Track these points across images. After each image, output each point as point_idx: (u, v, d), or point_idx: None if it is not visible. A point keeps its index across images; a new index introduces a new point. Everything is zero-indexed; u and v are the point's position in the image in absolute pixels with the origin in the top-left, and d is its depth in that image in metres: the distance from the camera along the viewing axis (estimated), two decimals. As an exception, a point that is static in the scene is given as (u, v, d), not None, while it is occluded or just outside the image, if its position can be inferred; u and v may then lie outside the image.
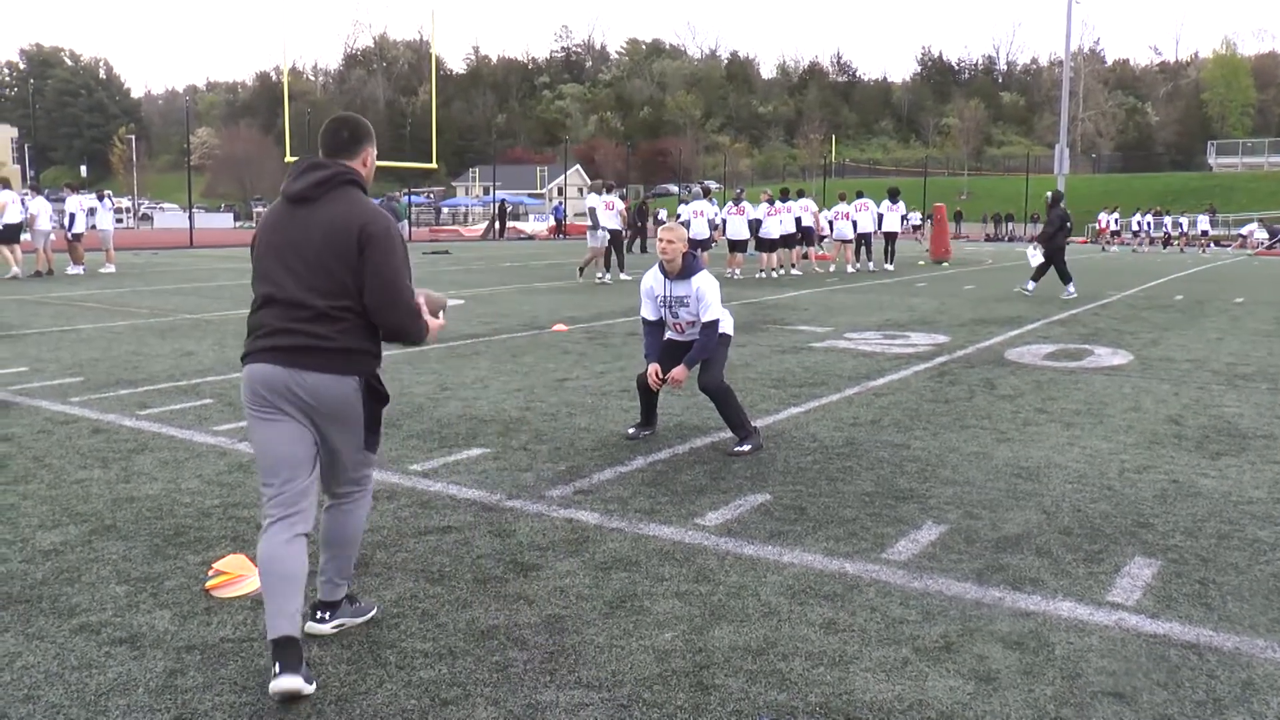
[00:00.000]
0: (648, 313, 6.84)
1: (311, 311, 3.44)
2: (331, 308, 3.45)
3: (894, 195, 26.69)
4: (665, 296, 6.67)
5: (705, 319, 6.52)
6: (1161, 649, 3.71)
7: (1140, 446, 6.83)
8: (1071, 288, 18.11)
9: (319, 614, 3.78)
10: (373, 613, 3.94)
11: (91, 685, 3.37)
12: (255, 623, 3.86)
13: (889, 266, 26.17)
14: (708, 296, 6.51)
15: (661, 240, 6.59)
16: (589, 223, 20.55)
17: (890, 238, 26.69)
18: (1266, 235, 44.63)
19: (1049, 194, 18.94)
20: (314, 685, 3.34)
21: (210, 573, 4.22)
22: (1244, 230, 46.18)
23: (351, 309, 3.48)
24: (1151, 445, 6.87)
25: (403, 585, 4.24)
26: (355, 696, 3.29)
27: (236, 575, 4.18)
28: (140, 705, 3.24)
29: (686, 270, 6.56)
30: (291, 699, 3.25)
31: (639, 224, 32.60)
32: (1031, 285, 18.52)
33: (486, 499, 5.47)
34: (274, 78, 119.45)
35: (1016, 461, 6.38)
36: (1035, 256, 18.47)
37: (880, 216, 26.48)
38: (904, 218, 27.43)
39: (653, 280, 6.73)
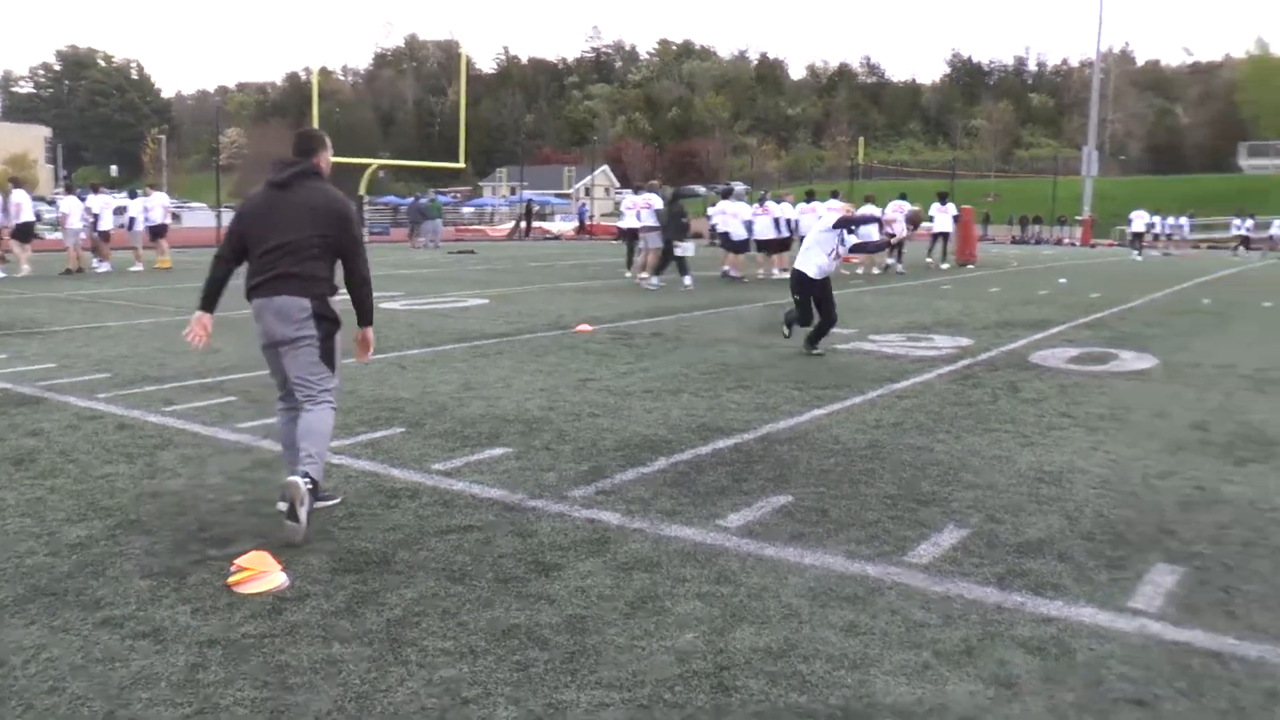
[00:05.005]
0: None
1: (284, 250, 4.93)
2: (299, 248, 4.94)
3: (943, 197, 28.20)
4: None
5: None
6: (1184, 657, 3.68)
7: (1165, 452, 6.78)
8: (656, 280, 19.57)
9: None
10: (330, 503, 5.22)
11: (115, 678, 3.40)
12: (277, 619, 3.88)
13: (944, 265, 27.39)
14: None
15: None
16: (655, 223, 20.46)
17: (944, 237, 27.92)
18: None
19: (670, 190, 21.14)
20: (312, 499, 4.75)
21: (233, 568, 4.24)
22: (1273, 232, 45.39)
23: (317, 249, 4.95)
24: (1176, 451, 6.82)
25: (424, 584, 4.26)
26: (376, 694, 3.31)
27: (259, 571, 4.20)
28: (162, 699, 3.27)
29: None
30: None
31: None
32: (687, 281, 19.31)
33: (508, 498, 5.48)
34: (303, 78, 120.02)
35: (1040, 466, 6.34)
36: (686, 249, 19.53)
37: (931, 218, 27.56)
38: (955, 218, 28.05)
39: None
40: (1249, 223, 44.67)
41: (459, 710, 3.22)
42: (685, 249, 19.47)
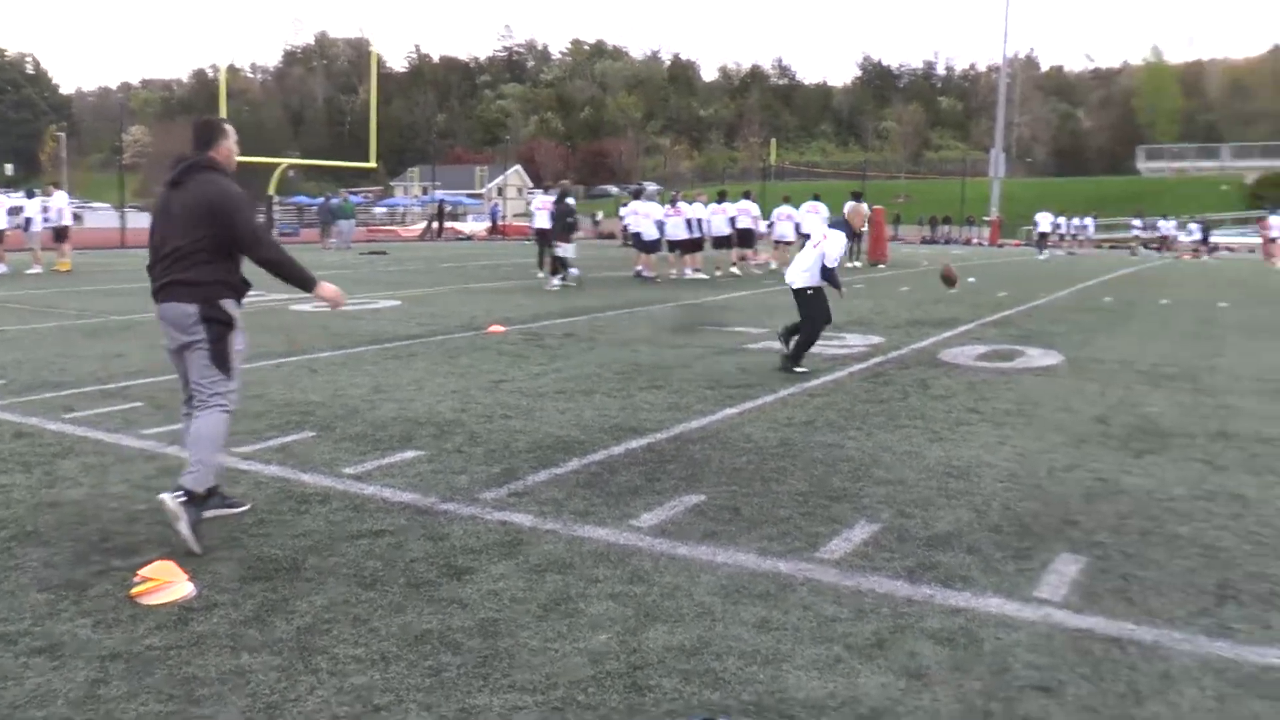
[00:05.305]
0: None
1: (175, 254, 4.85)
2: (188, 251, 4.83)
3: (858, 197, 28.33)
4: None
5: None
6: (1086, 643, 3.78)
7: (1069, 445, 6.95)
8: (557, 280, 19.46)
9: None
10: (235, 511, 5.17)
11: (7, 698, 3.29)
12: (183, 629, 3.80)
13: (856, 264, 28.15)
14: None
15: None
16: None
17: (858, 237, 28.02)
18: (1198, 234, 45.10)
19: (560, 185, 21.53)
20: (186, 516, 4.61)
21: (136, 579, 4.14)
22: (1167, 232, 46.91)
23: (204, 250, 4.82)
24: (1079, 444, 6.99)
25: (335, 590, 4.20)
26: (285, 704, 3.25)
27: (164, 582, 4.10)
28: (60, 717, 3.17)
29: None
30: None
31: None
32: (573, 272, 19.60)
33: (420, 502, 5.43)
34: (211, 75, 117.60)
35: (948, 460, 6.46)
36: (566, 250, 19.78)
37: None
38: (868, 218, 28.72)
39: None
40: (1172, 223, 46.23)
41: (371, 718, 3.18)
42: (565, 250, 19.59)
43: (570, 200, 20.75)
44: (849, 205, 10.18)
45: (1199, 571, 4.56)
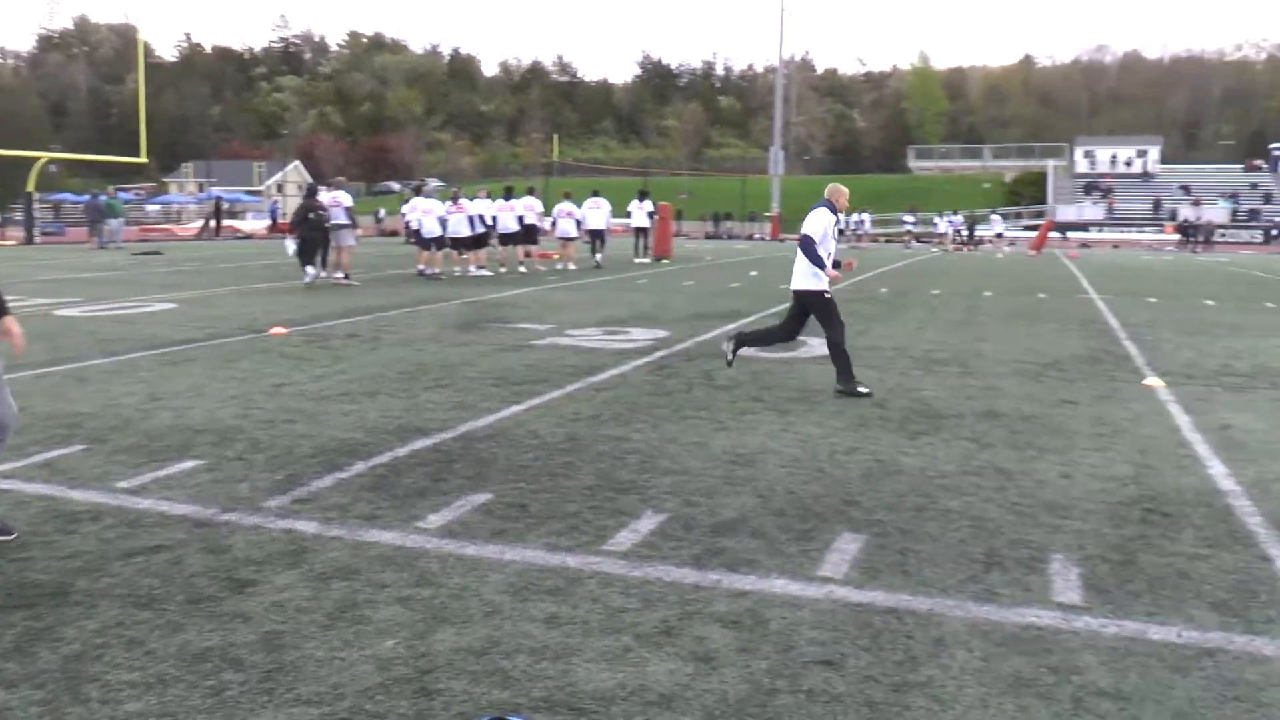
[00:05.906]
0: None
1: None
2: None
3: (643, 195, 29.85)
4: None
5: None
6: (866, 616, 3.94)
7: (849, 429, 7.22)
8: (311, 270, 19.02)
9: None
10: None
11: None
12: (-75, 661, 3.50)
13: (645, 260, 28.67)
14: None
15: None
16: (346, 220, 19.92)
17: (643, 233, 29.55)
18: (963, 231, 48.16)
19: (307, 185, 21.43)
20: None
21: None
22: (939, 228, 49.72)
23: None
24: (859, 428, 7.28)
25: (107, 613, 3.94)
26: (47, 736, 3.04)
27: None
28: None
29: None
30: None
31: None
32: (310, 271, 19.21)
33: (200, 514, 5.18)
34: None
35: (733, 449, 6.60)
36: (290, 245, 19.93)
37: (629, 214, 29.54)
38: (651, 214, 29.26)
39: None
40: (958, 218, 48.98)
41: (142, 742, 3.01)
42: (287, 246, 19.39)
43: (326, 194, 20.11)
44: (830, 186, 9.45)
45: (968, 542, 4.82)
